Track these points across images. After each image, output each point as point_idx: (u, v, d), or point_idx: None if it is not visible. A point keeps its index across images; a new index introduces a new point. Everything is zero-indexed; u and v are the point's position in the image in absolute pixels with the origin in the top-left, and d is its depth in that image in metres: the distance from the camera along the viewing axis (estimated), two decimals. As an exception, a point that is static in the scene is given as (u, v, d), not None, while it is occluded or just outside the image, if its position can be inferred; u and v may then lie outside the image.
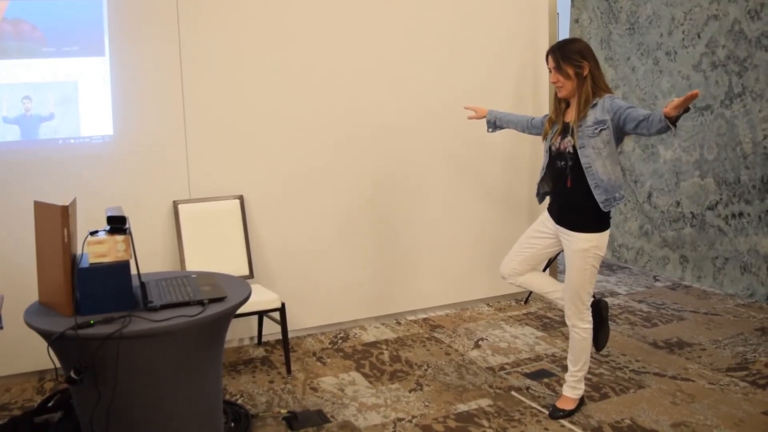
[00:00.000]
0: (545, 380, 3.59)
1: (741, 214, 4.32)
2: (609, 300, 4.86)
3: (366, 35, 4.30)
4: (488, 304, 4.88)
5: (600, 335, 3.24)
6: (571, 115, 3.03)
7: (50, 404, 2.78)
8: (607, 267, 5.68)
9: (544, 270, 4.57)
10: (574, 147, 2.99)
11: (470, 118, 3.68)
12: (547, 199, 3.30)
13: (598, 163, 2.95)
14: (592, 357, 3.79)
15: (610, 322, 4.07)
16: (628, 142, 5.11)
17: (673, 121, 2.66)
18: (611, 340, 4.06)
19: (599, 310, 3.23)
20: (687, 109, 2.66)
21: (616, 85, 5.18)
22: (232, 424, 3.11)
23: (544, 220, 3.25)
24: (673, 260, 4.83)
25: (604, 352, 3.91)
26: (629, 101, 5.06)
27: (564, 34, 5.82)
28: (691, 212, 4.63)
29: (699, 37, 4.48)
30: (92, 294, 2.31)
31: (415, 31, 4.42)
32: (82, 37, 3.68)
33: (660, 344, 4.05)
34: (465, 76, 4.56)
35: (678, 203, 4.75)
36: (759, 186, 4.20)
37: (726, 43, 4.33)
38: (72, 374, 2.15)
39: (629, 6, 4.99)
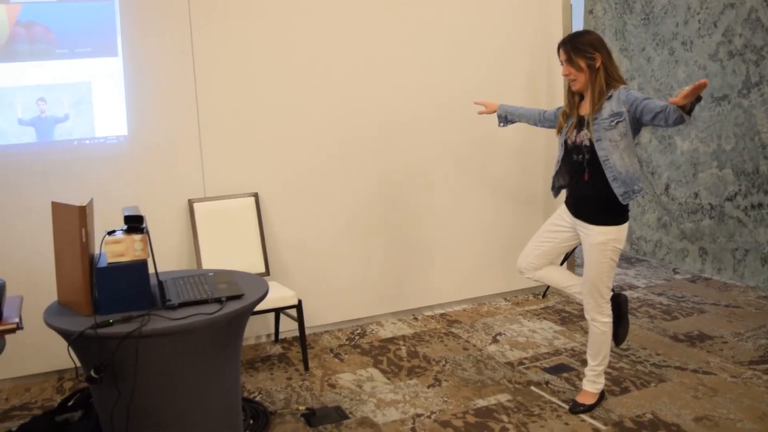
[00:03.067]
0: (565, 375, 3.59)
1: (760, 205, 4.29)
2: (628, 293, 4.85)
3: (376, 32, 4.31)
4: (506, 299, 4.88)
5: (620, 330, 3.23)
6: (585, 108, 3.02)
7: (70, 403, 2.82)
8: (625, 260, 5.66)
9: (561, 264, 4.57)
10: (590, 140, 2.98)
11: (480, 113, 3.68)
12: (563, 193, 3.30)
13: (615, 156, 2.94)
14: (612, 351, 3.78)
15: (630, 315, 4.06)
16: (645, 134, 5.08)
17: (687, 110, 2.65)
18: (631, 334, 4.05)
19: (619, 305, 3.22)
20: (699, 99, 2.65)
21: (632, 76, 5.15)
22: (251, 421, 3.15)
23: (562, 213, 3.25)
24: (692, 252, 4.81)
25: (624, 345, 3.90)
26: (645, 93, 5.03)
27: (578, 25, 5.79)
28: (710, 203, 4.60)
29: (715, 26, 4.44)
30: (111, 293, 2.33)
31: (426, 25, 4.42)
32: (94, 38, 3.71)
33: (681, 337, 4.04)
34: (476, 70, 4.56)
35: (696, 195, 4.73)
36: None
37: (743, 31, 4.29)
38: (92, 373, 2.18)
39: (644, -5, 4.97)
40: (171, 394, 2.32)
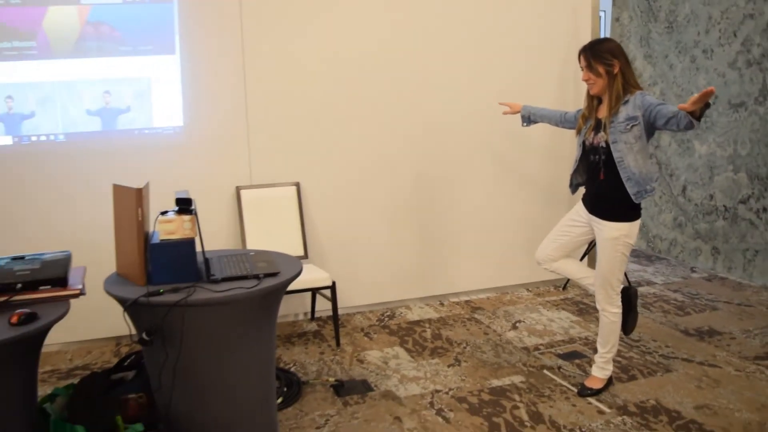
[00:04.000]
0: (576, 361, 3.65)
1: None
2: (645, 289, 4.85)
3: (418, 36, 4.37)
4: (527, 289, 4.93)
5: (629, 320, 3.27)
6: (603, 112, 3.07)
7: (126, 363, 2.99)
8: (645, 257, 5.65)
9: (582, 259, 4.61)
10: (606, 142, 3.03)
11: (505, 113, 3.73)
12: (581, 189, 3.35)
13: (629, 158, 2.99)
14: (624, 341, 3.83)
15: (644, 310, 4.11)
16: (665, 137, 5.06)
17: (697, 116, 2.68)
18: (644, 326, 4.09)
19: (629, 297, 3.26)
20: (707, 105, 2.68)
21: (654, 81, 5.13)
22: (285, 389, 3.29)
23: (578, 209, 3.30)
24: (705, 251, 4.79)
25: (635, 336, 3.93)
26: (667, 98, 5.01)
27: (606, 32, 5.78)
28: (724, 205, 4.58)
29: (735, 35, 4.41)
30: (162, 266, 2.44)
31: (464, 32, 4.47)
32: (155, 38, 3.84)
33: (691, 332, 4.05)
34: (510, 74, 4.59)
35: (711, 196, 4.71)
36: None
37: (761, 41, 4.25)
38: (144, 336, 2.32)
39: (668, 5, 4.93)
40: (212, 358, 2.44)
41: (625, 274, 4.87)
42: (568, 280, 4.88)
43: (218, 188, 4.08)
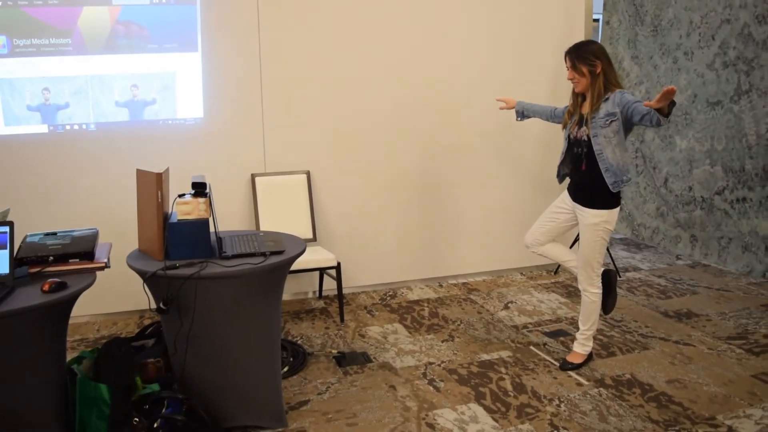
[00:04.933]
0: (561, 338, 3.73)
1: (744, 199, 4.32)
2: (631, 274, 4.91)
3: (422, 35, 4.43)
4: (522, 273, 5.01)
5: (608, 301, 3.34)
6: (586, 108, 3.14)
7: (146, 333, 3.13)
8: (634, 245, 5.70)
9: (572, 246, 4.68)
10: (588, 136, 3.11)
11: (501, 108, 3.79)
12: (568, 179, 3.42)
13: (608, 150, 3.06)
14: (607, 321, 3.92)
15: (628, 293, 4.17)
16: (649, 133, 5.10)
17: (665, 113, 2.75)
18: (626, 308, 4.16)
19: (609, 279, 3.32)
20: (673, 103, 2.75)
21: (641, 81, 5.17)
22: (291, 359, 3.41)
23: (564, 197, 3.37)
24: (684, 239, 4.86)
25: (617, 317, 4.01)
26: (651, 96, 5.04)
27: (597, 33, 5.84)
28: (702, 196, 4.64)
29: (713, 38, 4.46)
30: (178, 243, 2.56)
31: (464, 32, 4.52)
32: (179, 36, 3.93)
33: (670, 314, 4.11)
34: (508, 69, 4.65)
35: (690, 188, 4.76)
36: (761, 174, 4.20)
37: (736, 44, 4.30)
38: (161, 305, 2.45)
39: (653, 10, 4.97)
40: (222, 326, 2.56)
41: (613, 260, 4.96)
42: (559, 265, 4.95)
43: (235, 175, 4.19)
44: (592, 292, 3.28)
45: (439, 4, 4.45)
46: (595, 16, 5.38)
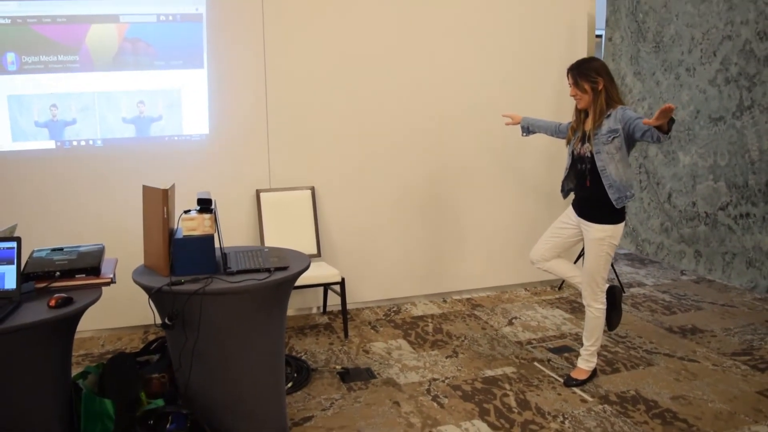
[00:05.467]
0: (565, 354, 3.72)
1: (748, 215, 4.33)
2: (636, 290, 4.91)
3: (425, 53, 4.46)
4: (525, 289, 5.01)
5: (613, 317, 3.34)
6: (589, 124, 3.16)
7: (151, 348, 3.13)
8: (639, 261, 5.69)
9: (576, 261, 4.69)
10: (591, 152, 3.12)
11: (507, 124, 3.80)
12: (572, 194, 3.43)
13: (611, 167, 3.08)
14: (611, 337, 3.91)
15: (633, 309, 4.17)
16: (652, 149, 5.12)
17: (664, 131, 2.78)
18: (631, 324, 4.15)
19: (614, 296, 3.32)
20: (672, 120, 2.77)
21: (643, 96, 5.21)
22: (295, 375, 3.41)
23: (569, 213, 3.38)
24: (689, 254, 4.86)
25: (622, 333, 4.00)
26: (654, 112, 5.07)
27: (600, 50, 5.89)
28: (705, 212, 4.65)
29: (715, 55, 4.49)
30: (184, 259, 2.56)
31: (470, 49, 4.56)
32: (185, 53, 3.97)
33: (675, 330, 4.11)
34: (513, 85, 4.68)
35: (694, 204, 4.78)
36: (764, 190, 4.22)
37: (738, 60, 4.33)
38: (166, 320, 2.46)
39: (655, 27, 5.02)
40: (227, 341, 2.57)
41: (617, 275, 4.96)
42: (564, 280, 4.96)
43: (240, 190, 4.21)
44: (596, 307, 3.28)
45: (443, 23, 4.49)
46: (597, 32, 5.43)
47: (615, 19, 5.46)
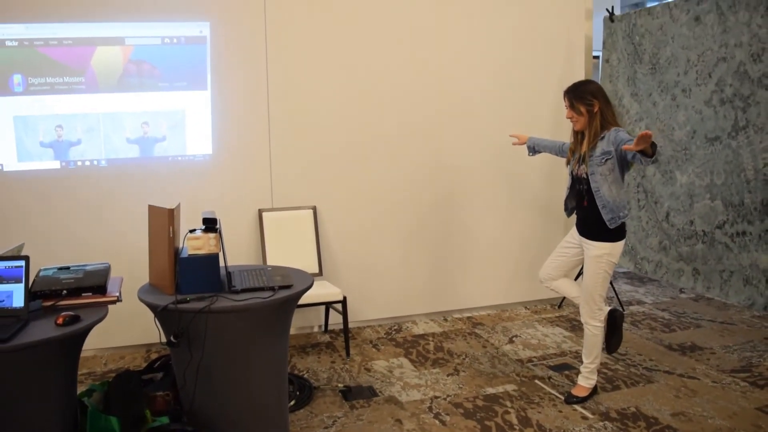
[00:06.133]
0: (566, 372, 3.75)
1: (744, 233, 4.38)
2: (635, 308, 4.94)
3: (429, 73, 4.53)
4: (526, 307, 5.04)
5: (613, 340, 3.36)
6: (584, 146, 3.22)
7: (156, 366, 3.15)
8: (638, 279, 5.74)
9: (576, 278, 4.72)
10: (587, 173, 3.18)
11: (514, 144, 3.82)
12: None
13: (604, 188, 3.13)
14: (611, 355, 3.93)
15: (632, 327, 4.19)
16: (650, 168, 5.18)
17: (649, 154, 2.83)
18: (631, 342, 4.18)
19: (615, 319, 3.35)
20: (654, 145, 2.82)
21: (640, 117, 5.28)
22: (298, 393, 3.42)
23: (573, 232, 3.42)
24: (687, 272, 4.90)
25: (622, 351, 4.03)
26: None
27: (597, 71, 5.98)
28: (703, 230, 4.70)
29: (710, 76, 4.57)
30: (189, 278, 2.60)
31: (474, 69, 4.63)
32: (189, 75, 4.03)
33: (674, 347, 4.13)
34: (513, 105, 4.74)
35: (692, 222, 4.82)
36: (759, 208, 4.28)
37: (733, 82, 4.41)
38: (171, 338, 2.49)
39: (651, 48, 5.10)
40: (232, 359, 2.59)
41: (617, 294, 5.00)
42: (563, 299, 4.99)
43: (243, 210, 4.25)
44: (594, 325, 3.31)
45: (442, 42, 4.56)
46: (595, 53, 5.52)
47: (612, 41, 5.56)
